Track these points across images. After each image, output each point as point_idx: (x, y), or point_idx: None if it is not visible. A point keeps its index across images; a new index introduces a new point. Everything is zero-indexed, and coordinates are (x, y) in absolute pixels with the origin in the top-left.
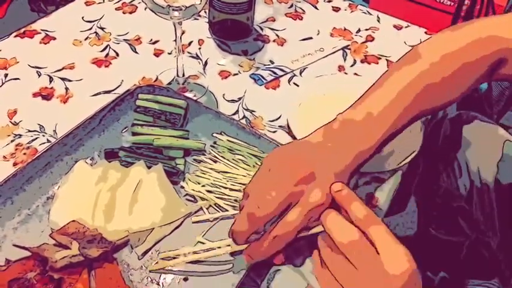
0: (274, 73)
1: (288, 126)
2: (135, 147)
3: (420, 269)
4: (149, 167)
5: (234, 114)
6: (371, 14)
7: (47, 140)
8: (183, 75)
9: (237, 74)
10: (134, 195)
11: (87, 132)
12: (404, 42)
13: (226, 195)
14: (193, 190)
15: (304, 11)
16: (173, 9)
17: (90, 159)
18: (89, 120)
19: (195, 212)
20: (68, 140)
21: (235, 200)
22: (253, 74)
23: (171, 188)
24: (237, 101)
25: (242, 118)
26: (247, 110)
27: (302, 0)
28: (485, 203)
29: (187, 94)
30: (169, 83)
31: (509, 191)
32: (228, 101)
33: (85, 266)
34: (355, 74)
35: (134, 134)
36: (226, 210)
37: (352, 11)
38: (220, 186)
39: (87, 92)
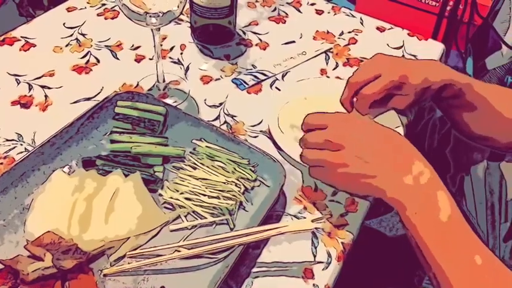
0: (256, 77)
1: (269, 131)
2: (113, 155)
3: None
4: (127, 175)
5: (215, 119)
6: (354, 17)
7: (25, 148)
8: (164, 81)
9: (219, 79)
10: (110, 204)
11: (64, 141)
12: (387, 45)
13: (204, 202)
14: (172, 198)
15: (287, 14)
16: (150, 16)
17: (68, 168)
18: (67, 129)
19: (173, 220)
20: (45, 149)
21: (214, 207)
22: (235, 78)
23: (149, 196)
24: (218, 106)
25: (223, 123)
26: (228, 115)
27: (285, 3)
28: (476, 196)
29: (168, 100)
30: (150, 89)
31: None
32: (210, 106)
33: (58, 278)
34: (337, 77)
35: (113, 141)
36: (205, 218)
37: (335, 14)
38: (199, 193)
39: (67, 100)
